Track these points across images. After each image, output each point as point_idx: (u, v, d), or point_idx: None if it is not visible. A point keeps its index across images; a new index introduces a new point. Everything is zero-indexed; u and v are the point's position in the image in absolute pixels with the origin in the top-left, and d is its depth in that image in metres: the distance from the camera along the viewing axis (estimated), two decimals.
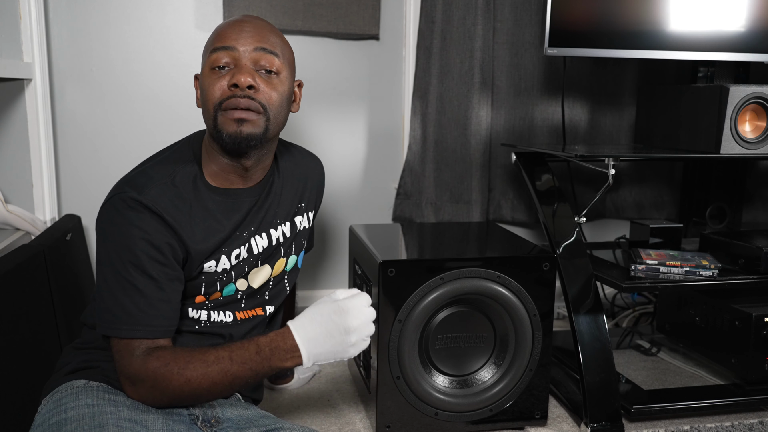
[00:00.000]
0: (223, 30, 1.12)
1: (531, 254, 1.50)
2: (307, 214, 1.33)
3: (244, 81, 1.07)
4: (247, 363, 1.04)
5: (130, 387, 1.04)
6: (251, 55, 1.10)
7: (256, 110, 1.09)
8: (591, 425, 1.48)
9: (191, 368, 1.02)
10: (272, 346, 1.05)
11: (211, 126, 1.10)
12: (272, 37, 1.14)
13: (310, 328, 1.07)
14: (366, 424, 1.52)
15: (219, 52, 1.09)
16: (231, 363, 1.03)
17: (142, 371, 1.02)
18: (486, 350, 1.47)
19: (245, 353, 1.04)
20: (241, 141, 1.09)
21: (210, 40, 1.14)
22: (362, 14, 1.98)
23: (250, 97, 1.08)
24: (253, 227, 1.19)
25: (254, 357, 1.04)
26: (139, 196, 1.05)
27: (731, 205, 2.12)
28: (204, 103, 1.12)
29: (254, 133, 1.09)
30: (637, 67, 2.15)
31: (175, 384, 1.01)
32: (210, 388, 1.03)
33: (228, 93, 1.08)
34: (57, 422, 1.01)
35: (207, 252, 1.12)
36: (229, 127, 1.08)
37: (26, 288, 1.34)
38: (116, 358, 1.04)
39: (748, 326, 1.61)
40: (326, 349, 1.07)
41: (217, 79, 1.09)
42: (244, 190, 1.18)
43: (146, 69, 1.91)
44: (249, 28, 1.12)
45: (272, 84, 1.11)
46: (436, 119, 2.05)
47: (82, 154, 1.91)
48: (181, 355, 1.03)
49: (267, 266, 1.24)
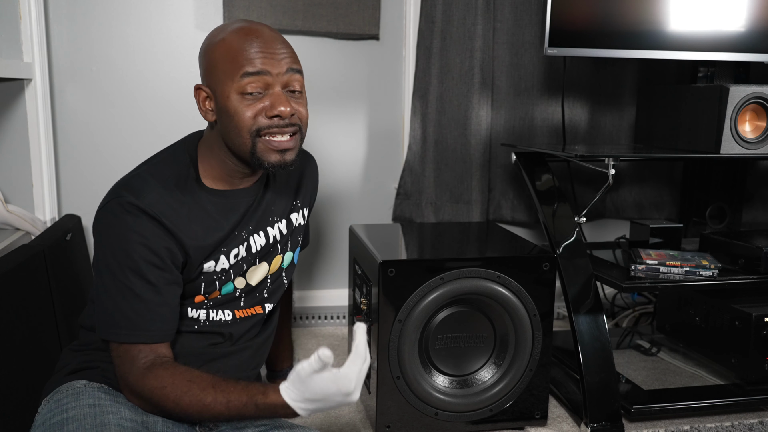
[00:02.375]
0: (246, 51, 1.07)
1: (531, 254, 1.50)
2: (302, 211, 1.34)
3: (287, 112, 1.07)
4: (242, 413, 1.00)
5: (128, 394, 1.05)
6: (283, 78, 1.09)
7: (296, 132, 1.11)
8: (591, 425, 1.48)
9: (186, 400, 0.99)
10: (273, 410, 1.00)
11: (247, 152, 1.09)
12: (291, 52, 1.13)
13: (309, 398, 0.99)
14: (366, 424, 1.52)
15: (250, 77, 1.06)
16: (228, 410, 0.99)
17: (140, 387, 1.02)
18: (486, 350, 1.47)
19: (242, 408, 1.00)
20: (285, 168, 1.11)
21: (230, 60, 1.07)
22: (362, 14, 1.98)
23: (291, 123, 1.09)
24: (251, 226, 1.20)
25: (251, 411, 1.00)
26: (137, 200, 1.05)
27: (731, 205, 2.12)
28: (234, 128, 1.08)
29: (295, 158, 1.12)
30: (637, 67, 2.15)
31: (169, 407, 1.01)
32: (201, 418, 1.05)
33: (266, 122, 1.07)
34: (58, 422, 1.01)
35: (206, 253, 1.12)
36: (272, 157, 1.09)
37: (26, 288, 1.34)
38: (116, 363, 1.05)
39: (748, 326, 1.61)
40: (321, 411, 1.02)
41: (250, 105, 1.07)
42: (241, 190, 1.18)
43: (146, 69, 1.91)
44: (273, 48, 1.09)
45: (301, 102, 1.13)
46: (436, 119, 2.05)
47: (82, 154, 1.91)
48: (179, 381, 1.00)
49: (264, 263, 1.24)
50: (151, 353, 1.04)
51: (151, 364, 1.04)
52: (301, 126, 1.12)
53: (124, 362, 1.04)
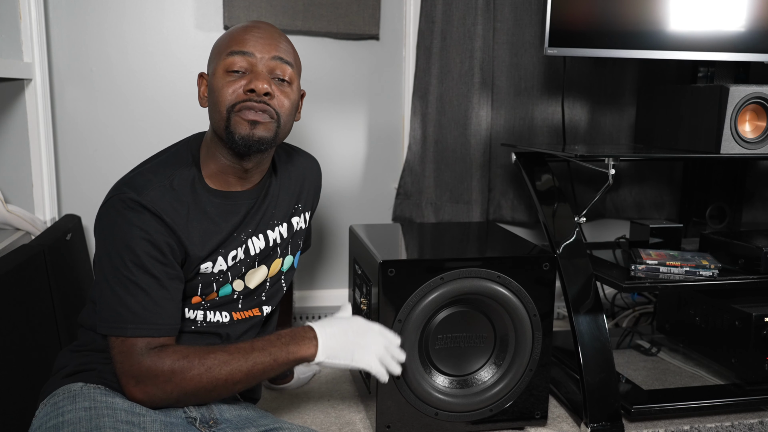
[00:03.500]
0: (240, 35, 1.13)
1: (531, 254, 1.50)
2: (304, 215, 1.34)
3: (261, 87, 1.08)
4: (266, 348, 1.07)
5: (134, 387, 1.03)
6: (268, 63, 1.11)
7: (270, 115, 1.11)
8: (591, 425, 1.48)
9: (212, 357, 1.04)
10: (292, 333, 1.11)
11: (222, 127, 1.11)
12: (286, 45, 1.16)
13: (328, 324, 1.15)
14: (366, 424, 1.52)
15: (236, 56, 1.10)
16: (252, 349, 1.07)
17: (156, 367, 1.02)
18: (486, 350, 1.47)
19: (265, 341, 1.09)
20: (252, 143, 1.10)
21: (224, 43, 1.14)
22: (362, 14, 1.98)
23: (265, 102, 1.10)
24: (251, 229, 1.20)
25: (275, 341, 1.09)
26: (138, 197, 1.05)
27: (731, 205, 2.12)
28: (214, 104, 1.12)
29: (265, 137, 1.11)
30: (637, 67, 2.15)
31: (194, 373, 1.02)
32: (228, 378, 1.04)
33: (243, 97, 1.09)
34: (54, 425, 1.00)
35: (204, 254, 1.12)
36: (242, 128, 1.09)
37: (26, 288, 1.34)
38: (119, 359, 1.04)
39: (748, 326, 1.61)
40: (339, 343, 1.11)
41: (232, 82, 1.10)
42: (242, 192, 1.18)
43: (146, 69, 1.91)
44: (266, 36, 1.13)
45: (285, 92, 1.13)
46: (436, 119, 2.05)
47: (82, 154, 1.91)
48: (199, 347, 1.06)
49: (263, 267, 1.24)
50: (158, 345, 1.05)
51: (161, 346, 1.04)
52: (279, 114, 1.12)
53: (129, 356, 1.03)
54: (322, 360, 1.11)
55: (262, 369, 1.07)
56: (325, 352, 1.11)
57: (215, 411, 1.13)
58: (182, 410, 1.09)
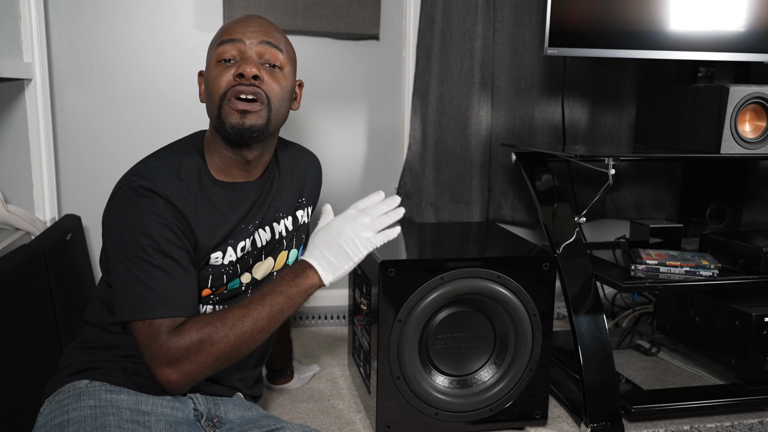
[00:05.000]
0: (230, 25, 1.16)
1: (531, 254, 1.50)
2: (307, 209, 1.36)
3: (249, 71, 1.09)
4: (276, 290, 1.08)
5: (168, 369, 1.02)
6: (257, 48, 1.13)
7: (260, 100, 1.11)
8: (591, 425, 1.48)
9: (231, 315, 1.04)
10: (292, 270, 1.11)
11: (215, 116, 1.12)
12: (277, 34, 1.17)
13: (313, 245, 1.14)
14: (366, 424, 1.52)
15: (225, 44, 1.12)
16: (263, 296, 1.07)
17: (183, 342, 1.01)
18: (486, 350, 1.47)
19: (272, 284, 1.09)
20: (243, 132, 1.11)
21: (216, 36, 1.17)
22: (362, 14, 1.98)
23: (255, 86, 1.11)
24: (258, 220, 1.21)
25: (280, 282, 1.09)
26: (149, 184, 1.07)
27: (731, 205, 2.12)
28: (209, 95, 1.14)
29: (256, 124, 1.11)
30: (637, 67, 2.15)
31: (221, 335, 1.02)
32: (252, 328, 1.05)
33: (233, 83, 1.10)
34: (59, 423, 1.01)
35: (213, 244, 1.13)
36: (233, 117, 1.10)
37: (26, 288, 1.34)
38: (146, 343, 1.02)
39: (748, 326, 1.61)
40: (332, 255, 1.11)
41: (223, 71, 1.11)
42: (247, 183, 1.20)
43: (146, 69, 1.91)
44: (255, 24, 1.15)
45: (276, 77, 1.14)
46: (436, 119, 2.05)
47: (82, 154, 1.91)
48: (215, 312, 1.07)
49: (270, 259, 1.26)
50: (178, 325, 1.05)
51: (181, 324, 1.04)
52: (270, 98, 1.13)
53: (157, 338, 1.02)
54: (331, 278, 1.11)
55: (280, 309, 1.07)
56: (327, 271, 1.10)
57: (221, 409, 1.14)
58: (191, 402, 1.10)
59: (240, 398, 1.23)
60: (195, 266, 1.11)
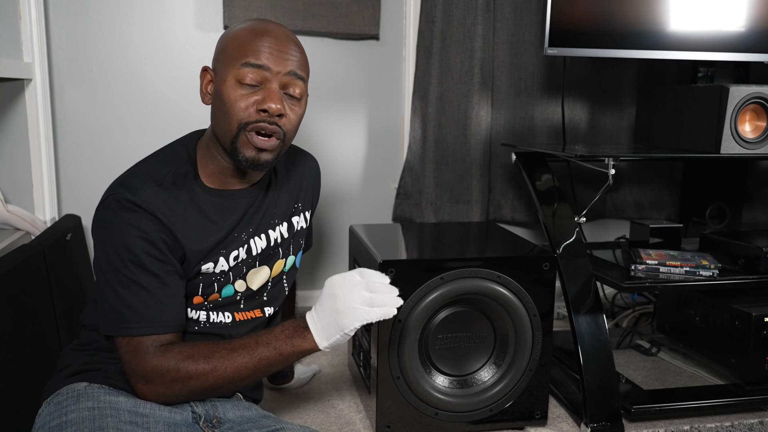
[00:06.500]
0: (254, 43, 1.09)
1: (531, 254, 1.50)
2: (304, 214, 1.33)
3: (275, 108, 1.07)
4: (271, 342, 1.07)
5: (144, 386, 1.04)
6: (282, 79, 1.09)
7: (278, 136, 1.10)
8: (591, 425, 1.48)
9: (217, 355, 1.04)
10: (294, 325, 1.10)
11: (229, 141, 1.10)
12: (300, 57, 1.13)
13: (315, 307, 1.13)
14: (366, 424, 1.52)
15: (250, 68, 1.07)
16: (256, 344, 1.06)
17: (162, 366, 1.02)
18: (486, 350, 1.47)
19: (270, 334, 1.08)
20: (257, 166, 1.11)
21: (237, 49, 1.09)
22: (362, 14, 1.98)
23: (276, 123, 1.09)
24: (252, 228, 1.19)
25: (279, 335, 1.08)
26: (133, 197, 1.06)
27: (731, 205, 2.12)
28: (224, 115, 1.09)
29: (270, 159, 1.12)
30: (637, 67, 2.15)
31: (200, 373, 1.02)
32: (234, 375, 1.05)
33: (255, 117, 1.08)
34: (57, 425, 1.01)
35: (203, 253, 1.12)
36: (249, 152, 1.09)
37: (26, 288, 1.34)
38: (126, 359, 1.04)
39: (748, 326, 1.61)
40: (326, 321, 1.09)
41: (244, 96, 1.08)
42: (240, 191, 1.18)
43: (146, 69, 1.91)
44: (281, 46, 1.10)
45: (294, 109, 1.12)
46: (436, 119, 2.05)
47: (82, 154, 1.91)
48: (204, 345, 1.06)
49: (266, 267, 1.24)
50: (165, 342, 1.05)
51: (168, 344, 1.05)
52: (285, 132, 1.11)
53: (136, 356, 1.03)
54: (326, 345, 1.08)
55: (267, 363, 1.07)
56: (321, 336, 1.08)
57: (219, 410, 1.14)
58: (189, 406, 1.10)
59: (239, 398, 1.23)
60: (182, 278, 1.10)
